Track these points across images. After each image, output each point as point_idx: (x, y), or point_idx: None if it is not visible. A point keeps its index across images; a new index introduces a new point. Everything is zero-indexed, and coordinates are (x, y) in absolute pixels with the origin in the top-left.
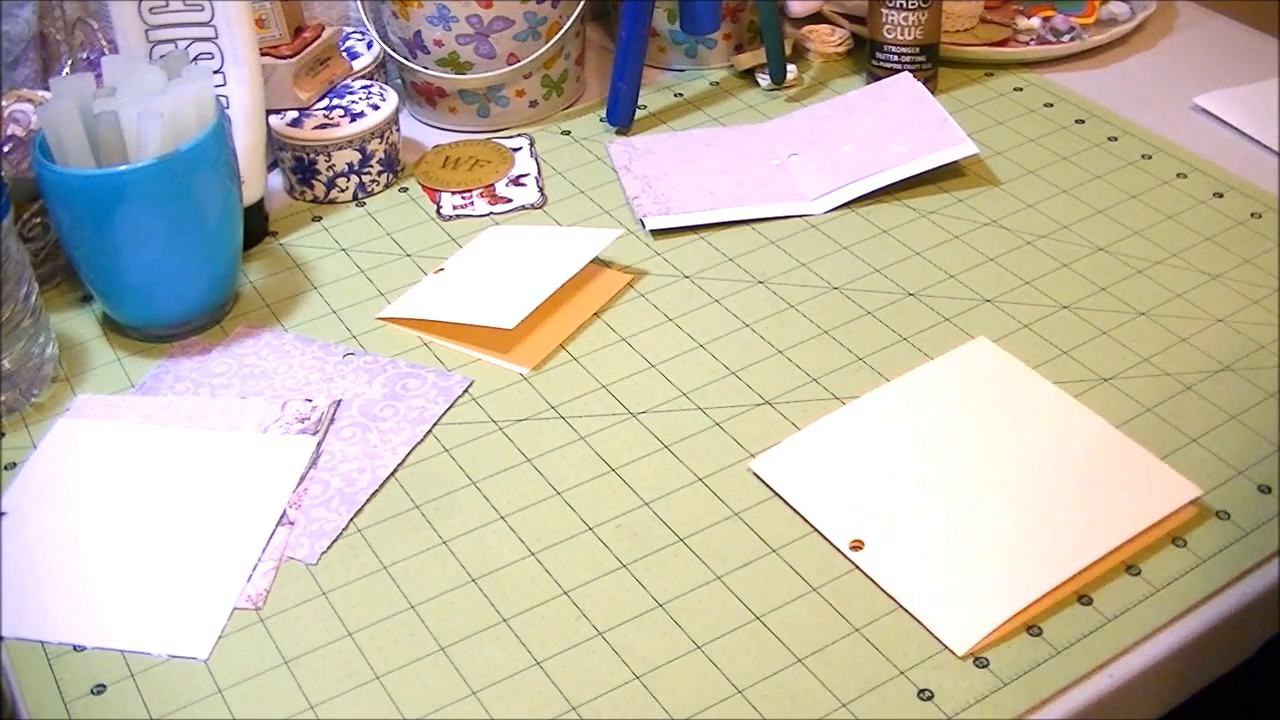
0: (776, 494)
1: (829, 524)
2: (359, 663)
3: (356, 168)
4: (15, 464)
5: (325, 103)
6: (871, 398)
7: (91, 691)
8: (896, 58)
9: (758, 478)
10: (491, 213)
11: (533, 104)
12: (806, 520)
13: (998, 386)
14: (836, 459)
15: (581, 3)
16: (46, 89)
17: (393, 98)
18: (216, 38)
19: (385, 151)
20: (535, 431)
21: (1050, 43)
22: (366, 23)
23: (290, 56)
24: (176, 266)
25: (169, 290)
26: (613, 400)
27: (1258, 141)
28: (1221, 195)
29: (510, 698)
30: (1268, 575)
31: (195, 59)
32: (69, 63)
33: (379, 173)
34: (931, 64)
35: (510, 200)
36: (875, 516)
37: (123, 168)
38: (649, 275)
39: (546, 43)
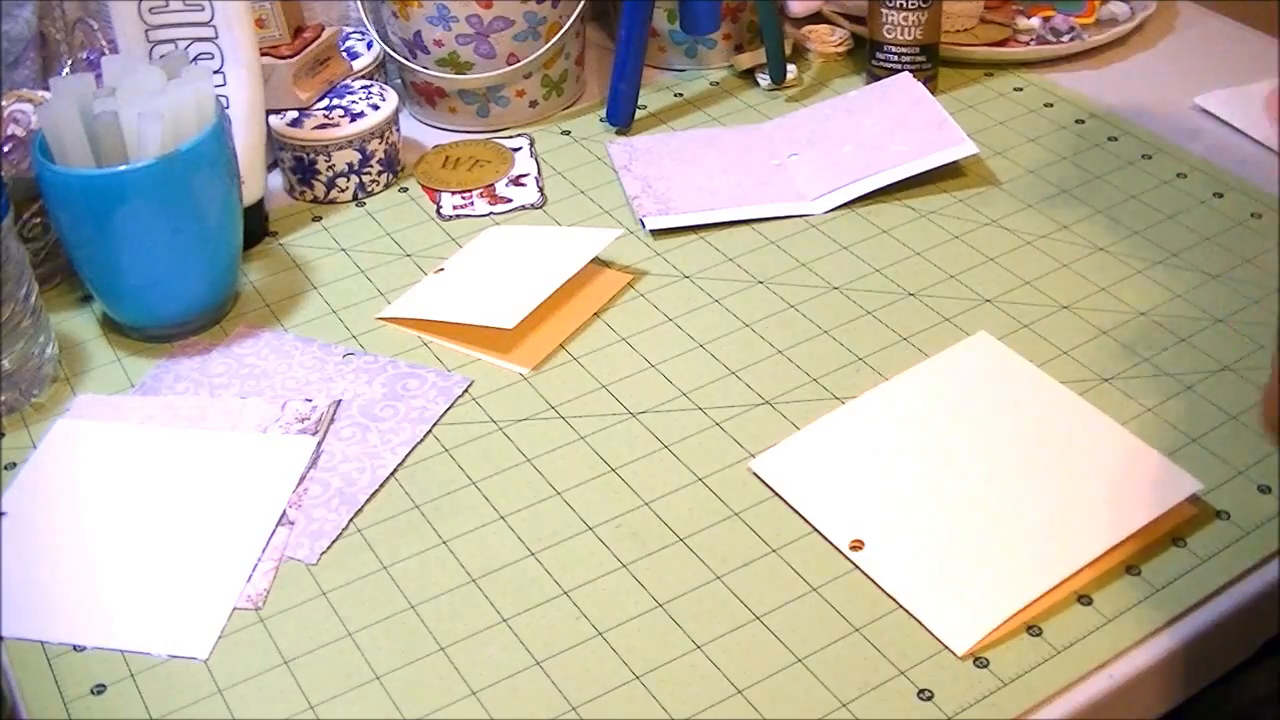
0: (776, 494)
1: (829, 524)
2: (359, 663)
3: (356, 168)
4: (15, 464)
5: (325, 103)
6: (871, 396)
7: (91, 691)
8: (896, 58)
9: (758, 478)
10: (491, 213)
11: (533, 104)
12: (806, 520)
13: (998, 382)
14: (836, 458)
15: (581, 3)
16: (46, 89)
17: (393, 98)
18: (216, 38)
19: (385, 151)
20: (535, 431)
21: (1050, 43)
22: (366, 23)
23: (290, 56)
24: (176, 266)
25: (169, 290)
26: (613, 400)
27: (1258, 141)
28: (1221, 195)
29: (510, 698)
30: (1268, 575)
31: (195, 59)
32: (69, 63)
33: (379, 173)
34: (931, 64)
35: (510, 200)
36: (875, 516)
37: (123, 168)
38: (649, 275)
39: (546, 43)
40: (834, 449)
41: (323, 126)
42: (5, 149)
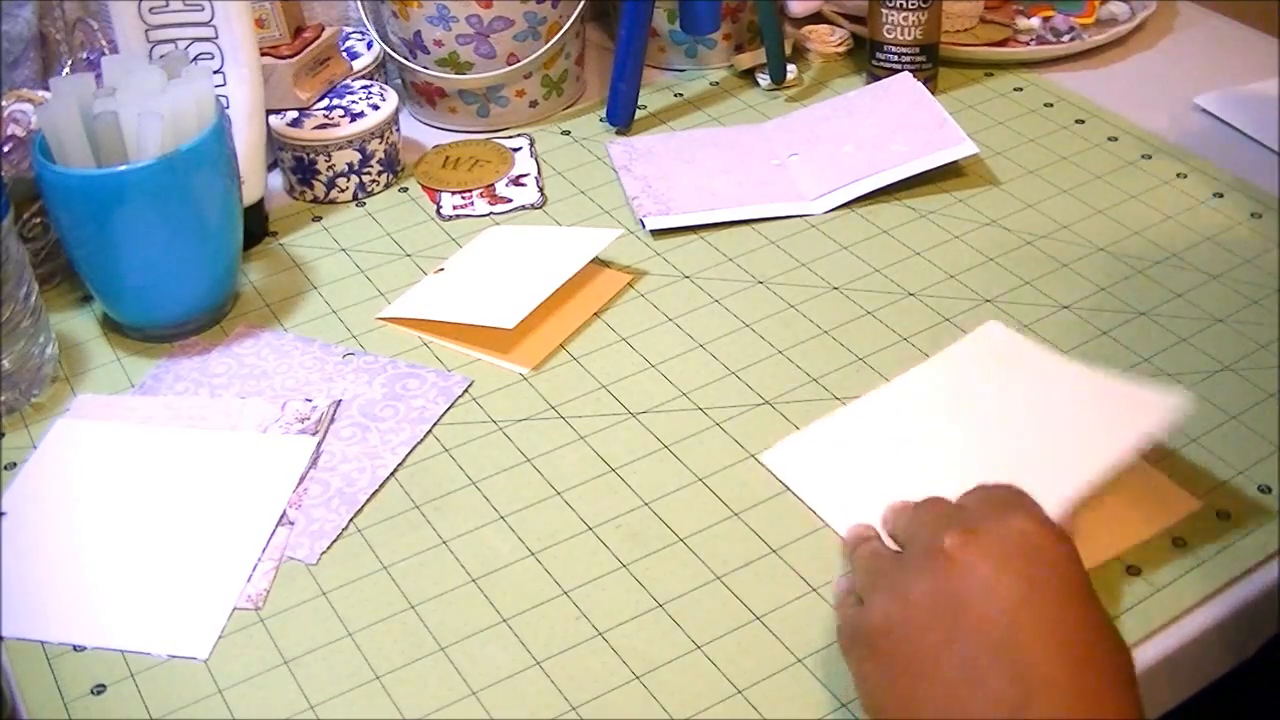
0: (787, 488)
1: (840, 518)
2: (359, 663)
3: (356, 168)
4: (15, 464)
5: (325, 103)
6: (886, 390)
7: (91, 691)
8: (896, 58)
9: (768, 470)
10: (491, 213)
11: (533, 104)
12: (817, 515)
13: (1013, 369)
14: (848, 452)
15: (581, 3)
16: (46, 89)
17: (393, 98)
18: (216, 38)
19: (385, 151)
20: (535, 431)
21: (1050, 43)
22: (366, 23)
23: (290, 56)
24: (176, 266)
25: (169, 290)
26: (613, 400)
27: (1258, 141)
28: (1221, 195)
29: (510, 698)
30: (1268, 575)
31: (195, 59)
32: (69, 63)
33: (379, 173)
34: (931, 64)
35: (510, 200)
36: (881, 511)
37: (123, 168)
38: (649, 275)
39: (546, 43)
40: (846, 442)
41: (323, 126)
42: (5, 149)
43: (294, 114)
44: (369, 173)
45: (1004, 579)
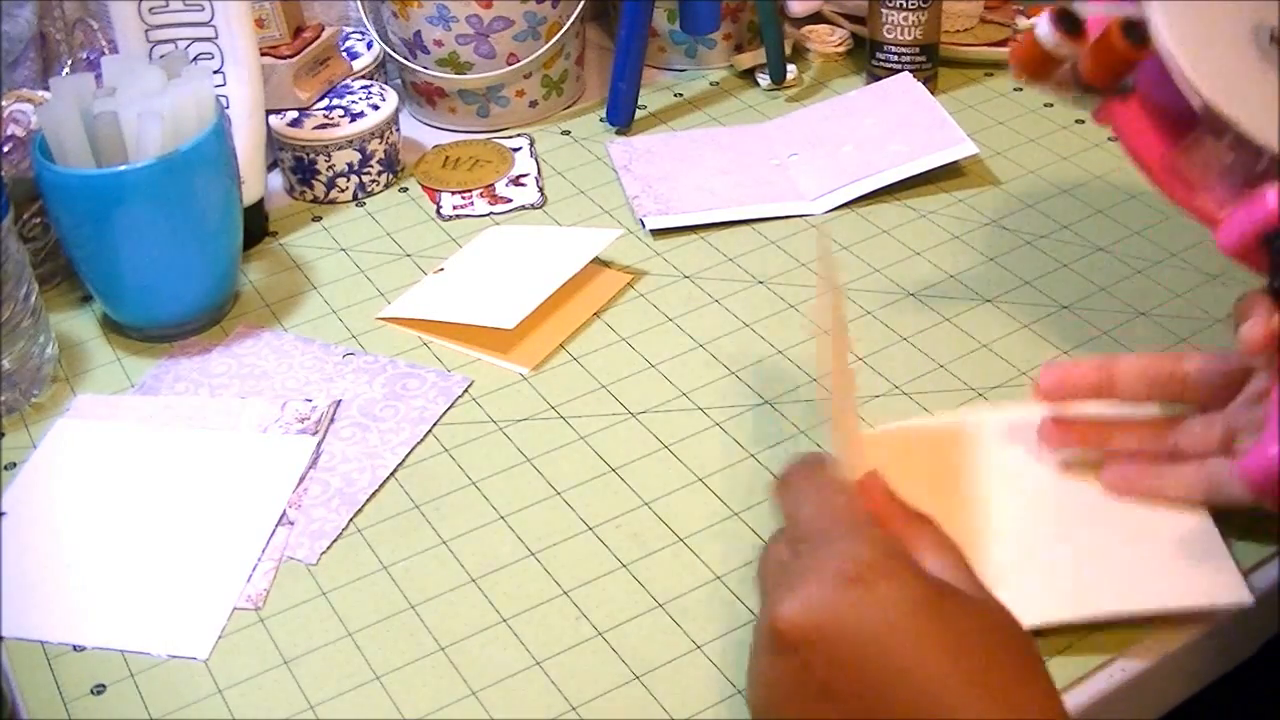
0: None
1: None
2: (359, 663)
3: (356, 168)
4: (15, 464)
5: (325, 103)
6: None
7: (91, 691)
8: (896, 58)
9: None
10: (491, 213)
11: (533, 104)
12: None
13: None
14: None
15: (581, 3)
16: (46, 89)
17: (393, 98)
18: (216, 38)
19: (385, 151)
20: (535, 431)
21: None
22: (366, 23)
23: (290, 56)
24: (176, 267)
25: (169, 290)
26: (613, 400)
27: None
28: None
29: (510, 698)
30: (1268, 575)
31: (195, 59)
32: (69, 63)
33: (379, 173)
34: (931, 64)
35: (510, 200)
36: None
37: (123, 168)
38: (649, 275)
39: (546, 43)
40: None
41: (323, 126)
42: (5, 149)
43: (294, 114)
44: (369, 173)
45: (857, 637)
